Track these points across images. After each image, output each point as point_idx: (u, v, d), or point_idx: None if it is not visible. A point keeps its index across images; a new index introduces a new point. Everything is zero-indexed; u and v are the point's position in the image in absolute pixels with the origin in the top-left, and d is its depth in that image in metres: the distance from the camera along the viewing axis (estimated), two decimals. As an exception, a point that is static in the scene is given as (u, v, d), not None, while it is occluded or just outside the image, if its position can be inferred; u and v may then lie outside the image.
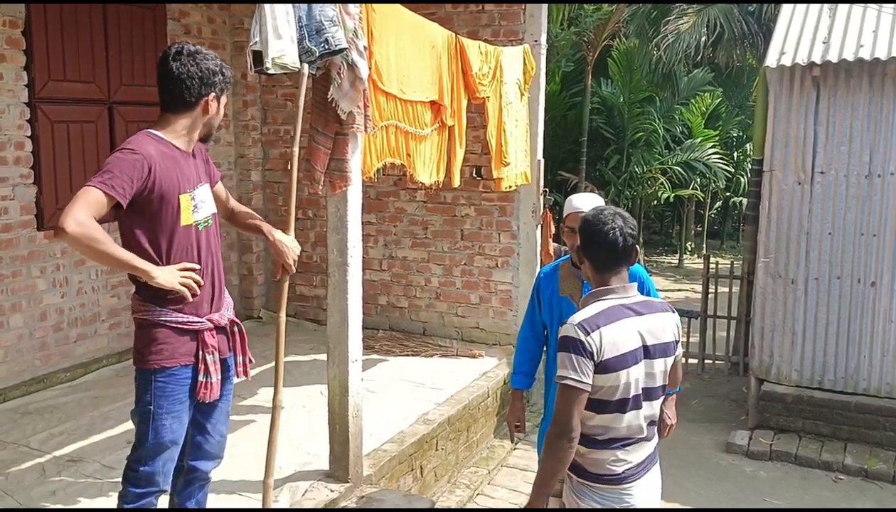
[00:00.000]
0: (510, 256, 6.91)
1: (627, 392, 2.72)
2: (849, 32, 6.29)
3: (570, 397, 2.64)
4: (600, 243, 2.79)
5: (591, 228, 2.82)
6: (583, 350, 2.64)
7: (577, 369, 2.63)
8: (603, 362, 2.65)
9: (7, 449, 4.67)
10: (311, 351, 6.77)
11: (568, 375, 2.64)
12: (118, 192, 2.79)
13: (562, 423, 2.65)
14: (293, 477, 4.37)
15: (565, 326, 2.73)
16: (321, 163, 3.94)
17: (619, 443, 2.78)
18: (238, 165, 7.61)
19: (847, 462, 6.01)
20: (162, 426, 3.05)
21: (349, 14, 3.72)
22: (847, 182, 6.23)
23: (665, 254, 17.49)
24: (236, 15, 7.30)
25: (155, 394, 3.03)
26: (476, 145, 6.58)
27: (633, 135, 14.65)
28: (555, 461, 2.68)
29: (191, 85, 2.96)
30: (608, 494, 2.81)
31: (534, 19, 6.62)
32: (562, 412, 2.66)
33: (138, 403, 3.08)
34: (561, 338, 2.71)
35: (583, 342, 2.64)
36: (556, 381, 2.69)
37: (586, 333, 2.65)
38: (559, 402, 2.67)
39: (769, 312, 6.59)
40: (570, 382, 2.64)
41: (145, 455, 3.06)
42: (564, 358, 2.67)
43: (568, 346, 2.67)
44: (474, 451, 5.90)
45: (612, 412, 2.73)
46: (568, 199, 3.91)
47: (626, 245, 2.79)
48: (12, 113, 5.46)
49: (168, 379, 3.03)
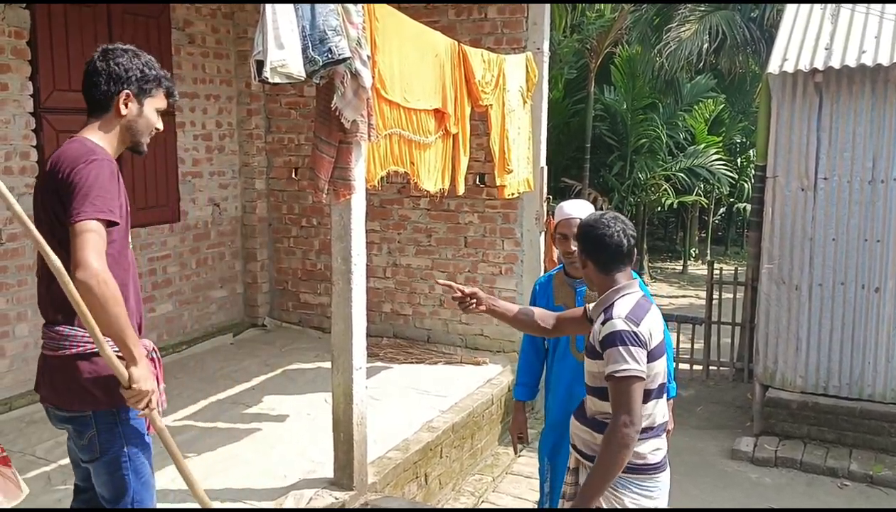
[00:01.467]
0: (514, 262, 6.92)
1: (659, 379, 2.88)
2: (851, 39, 6.30)
3: (634, 387, 2.74)
4: (605, 247, 2.90)
5: (593, 233, 2.92)
6: (637, 340, 2.76)
7: (635, 359, 2.74)
8: (651, 351, 2.80)
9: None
10: (316, 359, 6.78)
11: (628, 366, 2.73)
12: (116, 213, 2.57)
13: (631, 413, 2.73)
14: (298, 485, 4.38)
15: (609, 323, 2.81)
16: (325, 171, 3.96)
17: (655, 431, 2.92)
18: (242, 174, 7.64)
19: (852, 468, 5.99)
20: (142, 465, 2.79)
21: (353, 23, 3.74)
22: (850, 188, 6.23)
23: (669, 260, 17.47)
24: (240, 24, 7.33)
25: (125, 434, 2.73)
26: (479, 153, 6.60)
27: (636, 141, 14.66)
28: (625, 452, 2.76)
29: (98, 81, 2.72)
30: (644, 484, 2.89)
31: (536, 27, 6.64)
32: (627, 403, 2.74)
33: (105, 452, 2.73)
34: (608, 335, 2.79)
35: (636, 333, 2.77)
36: (614, 375, 2.75)
37: (636, 323, 2.79)
38: (622, 394, 2.74)
39: (773, 319, 6.58)
40: (633, 372, 2.73)
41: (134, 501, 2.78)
42: (616, 352, 2.75)
43: (622, 339, 2.76)
44: (479, 458, 5.89)
45: (653, 400, 2.88)
46: (558, 207, 3.91)
47: (629, 246, 2.93)
48: (18, 123, 5.49)
49: (133, 412, 2.72)
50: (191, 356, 6.80)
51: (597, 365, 2.90)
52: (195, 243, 7.15)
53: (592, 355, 2.93)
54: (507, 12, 6.70)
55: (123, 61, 2.73)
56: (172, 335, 6.93)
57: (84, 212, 2.49)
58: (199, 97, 7.06)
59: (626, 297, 2.89)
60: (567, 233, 3.72)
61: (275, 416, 5.48)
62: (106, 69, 2.71)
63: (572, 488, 3.09)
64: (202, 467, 4.59)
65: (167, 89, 2.87)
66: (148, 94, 2.79)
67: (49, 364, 2.73)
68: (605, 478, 2.79)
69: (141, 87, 2.76)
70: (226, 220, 7.50)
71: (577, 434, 3.07)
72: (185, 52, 6.86)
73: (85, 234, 2.46)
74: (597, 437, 2.93)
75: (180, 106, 6.79)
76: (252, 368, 6.51)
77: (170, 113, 6.65)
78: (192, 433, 5.11)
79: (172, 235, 6.88)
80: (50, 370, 2.73)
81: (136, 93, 2.76)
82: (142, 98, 2.78)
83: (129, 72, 2.73)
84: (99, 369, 2.64)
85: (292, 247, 7.82)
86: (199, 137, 7.09)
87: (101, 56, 2.74)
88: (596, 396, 2.97)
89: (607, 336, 2.79)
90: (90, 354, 2.64)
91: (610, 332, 2.79)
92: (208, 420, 5.35)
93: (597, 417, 2.97)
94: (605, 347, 2.80)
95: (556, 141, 13.18)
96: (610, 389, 2.79)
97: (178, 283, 6.96)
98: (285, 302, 7.90)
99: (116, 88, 2.72)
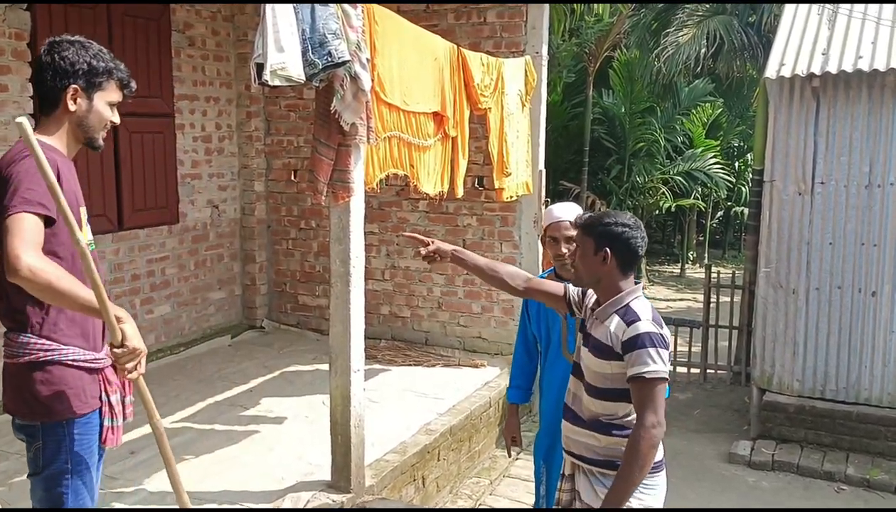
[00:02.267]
0: (512, 265, 6.92)
1: None
2: (848, 44, 6.32)
3: (660, 388, 2.78)
4: (633, 249, 2.95)
5: (628, 234, 2.94)
6: (664, 342, 2.82)
7: (663, 361, 2.78)
8: (669, 352, 2.85)
9: (10, 460, 4.68)
10: (314, 361, 6.79)
11: (657, 367, 2.77)
12: (49, 207, 2.38)
13: (658, 413, 2.77)
14: (295, 487, 4.38)
15: (635, 324, 2.82)
16: (324, 174, 3.97)
17: None
18: (241, 176, 7.65)
19: (849, 472, 6.01)
20: (82, 487, 2.62)
21: (352, 27, 3.76)
22: (847, 192, 6.25)
23: (667, 263, 17.50)
24: (240, 27, 7.35)
25: (71, 449, 2.57)
26: (478, 156, 6.62)
27: (634, 145, 14.69)
28: (654, 452, 2.78)
29: (44, 77, 2.58)
30: (648, 482, 2.89)
31: (535, 31, 6.66)
32: (657, 405, 2.77)
33: (47, 466, 2.59)
34: (636, 336, 2.80)
35: (662, 335, 2.83)
36: (644, 376, 2.76)
37: (660, 326, 2.85)
38: (650, 395, 2.77)
39: (770, 322, 6.60)
40: (662, 374, 2.77)
41: None
42: (645, 354, 2.77)
43: (651, 341, 2.79)
44: (476, 461, 5.90)
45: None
46: (548, 210, 3.91)
47: (643, 252, 3.01)
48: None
49: (83, 428, 2.58)
50: (189, 358, 6.81)
51: (610, 366, 2.86)
52: (194, 245, 7.15)
53: (606, 356, 2.87)
54: (507, 16, 6.73)
55: (69, 54, 2.58)
56: (170, 337, 6.94)
57: (13, 206, 2.36)
58: (199, 99, 7.07)
59: (638, 299, 2.93)
60: (558, 236, 3.73)
61: (272, 418, 5.49)
62: (51, 64, 2.57)
63: (568, 495, 3.06)
64: (199, 469, 4.60)
65: (120, 81, 2.71)
66: (98, 87, 2.64)
67: (7, 371, 2.61)
68: (635, 480, 2.78)
69: (89, 80, 2.61)
70: (225, 222, 7.51)
71: (574, 439, 3.02)
72: (185, 55, 6.88)
73: (13, 228, 2.33)
74: (601, 439, 2.92)
75: (180, 108, 6.80)
76: (250, 369, 6.51)
77: (168, 114, 6.67)
78: (190, 435, 5.11)
79: (171, 237, 6.89)
80: (8, 377, 2.61)
81: (85, 87, 2.61)
82: (91, 92, 2.63)
83: (75, 65, 2.58)
84: (51, 378, 2.51)
85: (291, 249, 7.82)
86: (198, 139, 7.10)
87: (47, 50, 2.60)
88: (601, 398, 2.92)
89: (634, 337, 2.80)
90: (43, 363, 2.51)
91: (637, 333, 2.80)
92: (206, 422, 5.35)
93: (600, 419, 2.93)
94: (629, 349, 2.80)
95: (554, 144, 13.21)
96: (636, 389, 2.79)
97: (176, 284, 6.97)
98: (284, 304, 7.91)
99: (63, 83, 2.58)
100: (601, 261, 2.95)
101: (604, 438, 2.91)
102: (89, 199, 5.69)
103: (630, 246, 2.94)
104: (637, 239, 2.95)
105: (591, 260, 2.98)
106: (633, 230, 2.95)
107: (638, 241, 2.95)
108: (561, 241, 3.73)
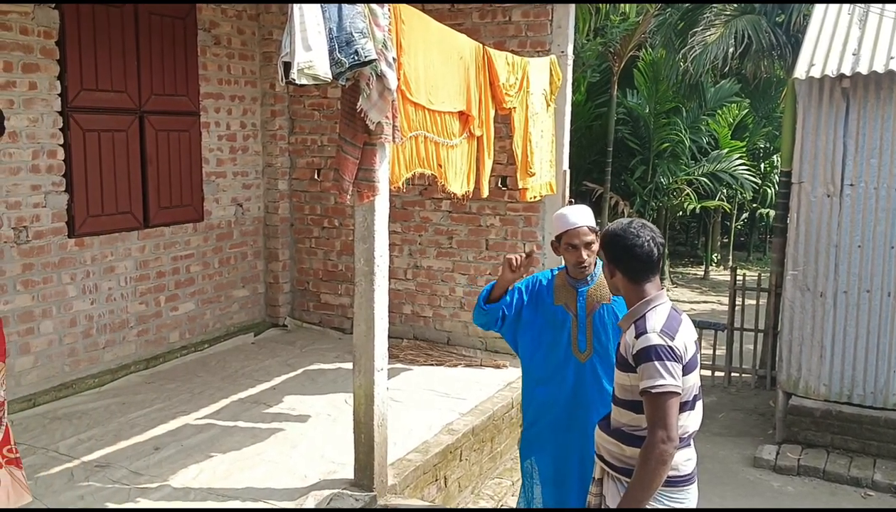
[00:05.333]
0: (535, 266, 6.89)
1: (693, 391, 2.86)
2: (879, 44, 6.22)
3: (670, 403, 2.71)
4: (636, 256, 2.86)
5: (624, 243, 2.87)
6: (673, 355, 2.73)
7: (672, 374, 2.71)
8: (686, 365, 2.77)
9: (36, 454, 4.72)
10: (336, 359, 6.80)
11: (665, 382, 2.70)
12: None
13: (668, 428, 2.70)
14: (318, 485, 4.39)
15: (644, 337, 2.77)
16: (349, 172, 3.96)
17: (686, 440, 2.89)
18: (266, 174, 7.68)
19: (876, 478, 5.92)
20: None
21: (379, 26, 3.75)
22: (877, 195, 6.16)
23: (691, 265, 17.36)
24: (265, 26, 7.37)
25: None
26: (501, 155, 6.59)
27: (658, 145, 14.57)
28: (664, 469, 2.72)
29: None
30: (675, 496, 2.86)
31: (561, 30, 6.62)
32: (665, 419, 2.70)
33: None
34: (643, 349, 2.75)
35: (672, 348, 2.74)
36: (650, 391, 2.71)
37: (671, 338, 2.76)
38: (659, 410, 2.71)
39: (797, 326, 6.52)
40: (669, 388, 2.70)
41: None
42: (652, 368, 2.72)
43: (657, 354, 2.72)
44: (498, 462, 5.88)
45: (687, 411, 2.85)
46: (559, 216, 3.75)
47: (659, 255, 2.90)
48: (45, 122, 5.55)
49: None
50: (212, 355, 6.85)
51: (628, 378, 2.85)
52: (218, 243, 7.19)
53: (624, 368, 2.87)
54: (532, 15, 6.69)
55: None
56: (195, 334, 6.98)
57: None
58: (224, 98, 7.10)
59: (657, 308, 2.84)
60: (577, 242, 3.63)
61: (295, 416, 5.50)
62: None
63: (597, 499, 3.04)
64: (223, 466, 4.62)
65: None
66: None
67: None
68: (645, 495, 2.75)
69: None
70: (248, 220, 7.54)
71: (603, 445, 3.02)
72: (210, 53, 6.91)
73: None
74: (625, 448, 2.90)
75: (205, 106, 6.84)
76: (273, 367, 6.54)
77: (194, 113, 6.71)
78: (214, 431, 5.14)
79: (196, 235, 6.93)
80: None
81: None
82: None
83: None
84: None
85: (314, 247, 7.84)
86: (223, 138, 7.14)
87: None
88: (624, 408, 2.91)
89: (642, 350, 2.75)
90: None
91: (645, 346, 2.74)
92: (230, 419, 5.38)
93: (623, 429, 2.92)
94: (639, 362, 2.76)
95: (577, 144, 13.12)
96: (646, 404, 2.75)
97: (200, 282, 7.00)
98: (306, 302, 7.93)
99: None
100: (611, 275, 2.97)
101: (628, 448, 2.89)
102: (116, 197, 5.75)
103: (632, 254, 2.86)
104: (637, 247, 2.84)
105: (606, 274, 3.01)
106: (632, 238, 2.86)
107: (642, 248, 2.84)
108: (581, 248, 3.64)
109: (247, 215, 7.51)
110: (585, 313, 3.72)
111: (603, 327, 3.71)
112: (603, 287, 3.70)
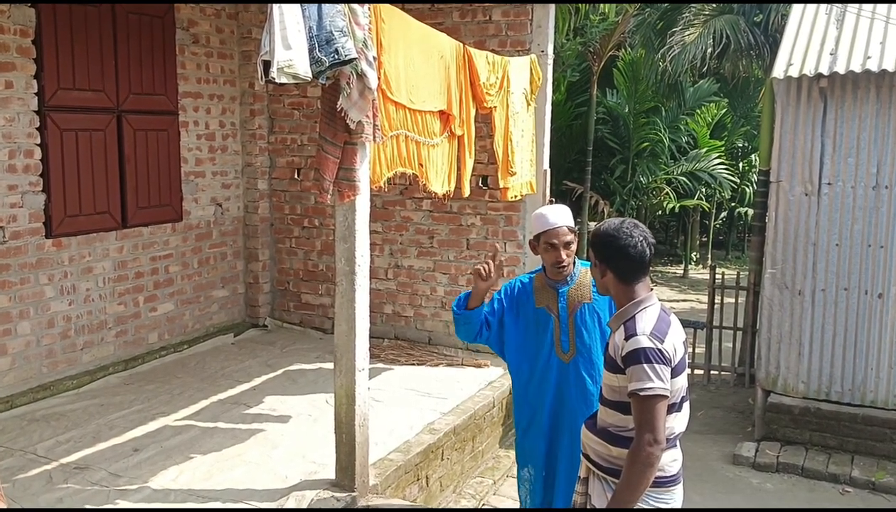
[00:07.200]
0: (516, 265, 6.90)
1: (681, 393, 2.87)
2: (856, 44, 6.29)
3: (658, 406, 2.72)
4: (629, 257, 2.86)
5: (617, 243, 2.87)
6: (662, 358, 2.73)
7: (660, 377, 2.71)
8: (674, 367, 2.78)
9: (14, 456, 4.67)
10: (317, 359, 6.77)
11: (654, 385, 2.70)
12: None
13: (655, 431, 2.70)
14: (299, 486, 4.37)
15: (634, 339, 2.76)
16: (330, 172, 3.95)
17: (672, 442, 2.91)
18: (245, 174, 7.63)
19: (854, 474, 5.98)
20: None
21: (359, 24, 3.74)
22: (854, 193, 6.23)
23: (670, 264, 17.46)
24: (244, 25, 7.32)
25: None
26: (482, 155, 6.58)
27: (638, 145, 14.66)
28: (650, 471, 2.73)
29: None
30: (661, 497, 2.89)
31: (541, 30, 6.63)
32: (652, 422, 2.70)
33: None
34: (632, 352, 2.75)
35: (661, 351, 2.74)
36: (638, 393, 2.71)
37: (660, 341, 2.76)
38: (647, 413, 2.71)
39: (776, 324, 6.57)
40: (658, 391, 2.70)
41: None
42: (641, 370, 2.72)
43: (646, 357, 2.72)
44: (479, 461, 5.88)
45: (674, 412, 2.86)
46: (538, 216, 3.74)
47: (651, 255, 2.90)
48: (22, 121, 5.48)
49: None
50: (192, 356, 6.80)
51: (617, 379, 2.85)
52: (197, 243, 7.14)
53: (613, 369, 2.88)
54: (512, 15, 6.70)
55: None
56: (174, 334, 6.92)
57: None
58: (203, 97, 7.05)
59: (647, 309, 2.84)
60: (557, 242, 3.64)
61: (276, 416, 5.47)
62: None
63: (583, 498, 3.05)
64: (203, 467, 4.59)
65: None
66: None
67: None
68: (633, 497, 2.75)
69: None
70: (228, 220, 7.49)
71: (589, 444, 3.03)
72: (189, 52, 6.86)
73: None
74: (611, 448, 2.91)
75: (184, 106, 6.79)
76: (253, 368, 6.50)
77: (172, 112, 6.65)
78: (194, 433, 5.10)
79: (175, 235, 6.87)
80: None
81: None
82: None
83: None
84: None
85: (294, 247, 7.81)
86: (202, 137, 7.08)
87: None
88: (612, 408, 2.92)
89: (631, 352, 2.75)
90: None
91: (634, 348, 2.74)
92: (209, 420, 5.34)
93: (610, 429, 2.93)
94: (628, 364, 2.76)
95: (558, 144, 13.15)
96: (633, 406, 2.76)
97: (179, 282, 6.95)
98: (286, 302, 7.89)
99: None
100: (601, 275, 2.96)
101: (614, 448, 2.90)
102: (94, 197, 5.69)
103: (625, 254, 2.85)
104: (630, 248, 2.84)
105: (596, 273, 3.00)
106: (626, 238, 2.85)
107: (635, 248, 2.84)
108: (560, 248, 3.65)
109: (226, 215, 7.46)
110: (567, 314, 3.73)
111: (585, 327, 3.72)
112: (583, 287, 3.71)
